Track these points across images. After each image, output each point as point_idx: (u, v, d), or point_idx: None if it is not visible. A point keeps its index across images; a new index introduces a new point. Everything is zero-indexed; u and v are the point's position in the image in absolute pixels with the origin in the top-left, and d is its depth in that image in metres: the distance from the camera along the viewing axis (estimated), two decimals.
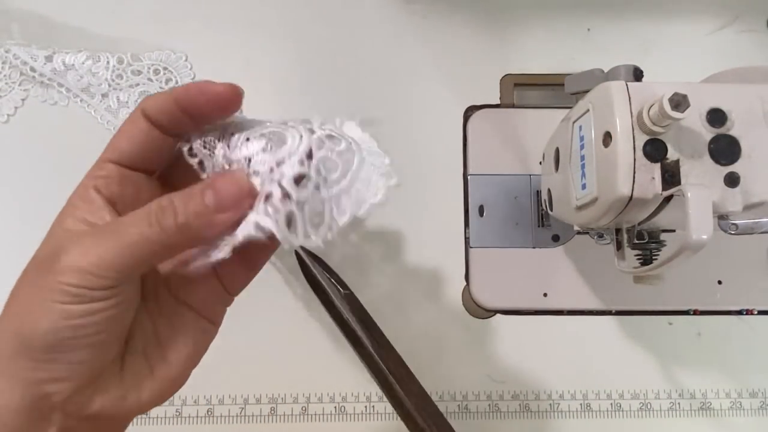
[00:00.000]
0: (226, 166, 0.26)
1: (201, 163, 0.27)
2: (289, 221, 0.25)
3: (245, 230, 0.25)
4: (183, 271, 0.26)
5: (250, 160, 0.26)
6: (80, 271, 0.22)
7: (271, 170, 0.26)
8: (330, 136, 0.26)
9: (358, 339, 0.26)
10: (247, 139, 0.26)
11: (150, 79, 0.46)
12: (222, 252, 0.25)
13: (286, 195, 0.25)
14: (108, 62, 0.46)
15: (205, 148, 0.27)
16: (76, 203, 0.25)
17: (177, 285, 0.27)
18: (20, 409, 0.22)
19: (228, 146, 0.27)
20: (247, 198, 0.25)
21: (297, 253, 0.27)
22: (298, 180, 0.26)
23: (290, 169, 0.25)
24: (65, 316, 0.22)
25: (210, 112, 0.26)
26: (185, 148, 0.27)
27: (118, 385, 0.25)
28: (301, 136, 0.26)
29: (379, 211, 0.27)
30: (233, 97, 0.26)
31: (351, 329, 0.26)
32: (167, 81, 0.46)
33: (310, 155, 0.26)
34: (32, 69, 0.45)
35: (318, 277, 0.26)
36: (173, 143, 0.27)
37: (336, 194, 0.26)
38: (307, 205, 0.26)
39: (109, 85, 0.46)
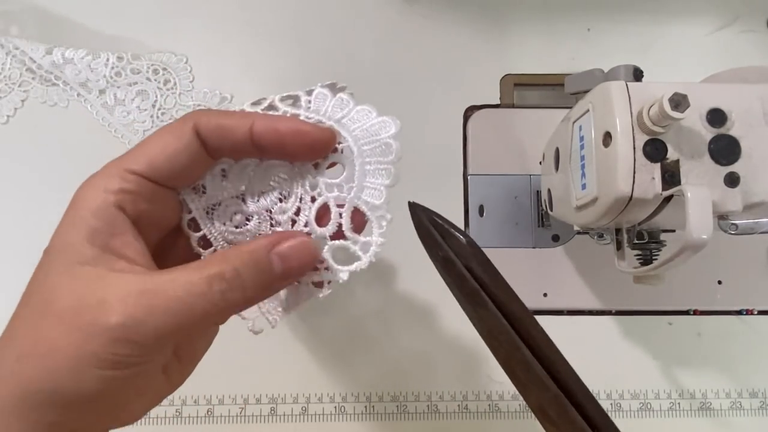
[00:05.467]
0: (244, 220, 0.26)
1: (194, 221, 0.26)
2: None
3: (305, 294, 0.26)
4: None
5: (270, 212, 0.26)
6: (129, 342, 0.20)
7: (293, 222, 0.26)
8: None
9: (480, 298, 0.24)
10: (262, 193, 0.26)
11: (148, 79, 0.46)
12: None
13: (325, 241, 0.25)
14: (108, 59, 0.46)
15: (207, 213, 0.26)
16: (93, 223, 0.22)
17: None
18: None
19: (243, 200, 0.26)
20: (313, 264, 0.24)
21: (411, 208, 0.25)
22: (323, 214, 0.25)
23: (311, 214, 0.25)
24: (102, 381, 0.20)
25: (297, 155, 0.24)
26: (186, 217, 0.25)
27: (132, 403, 0.23)
28: (303, 179, 0.25)
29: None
30: (330, 142, 0.24)
31: (472, 287, 0.24)
32: (165, 82, 0.46)
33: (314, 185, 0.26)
34: (31, 59, 0.45)
35: (434, 231, 0.24)
36: (212, 163, 0.24)
37: (358, 188, 0.25)
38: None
39: (107, 82, 0.46)
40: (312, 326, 0.44)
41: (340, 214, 0.25)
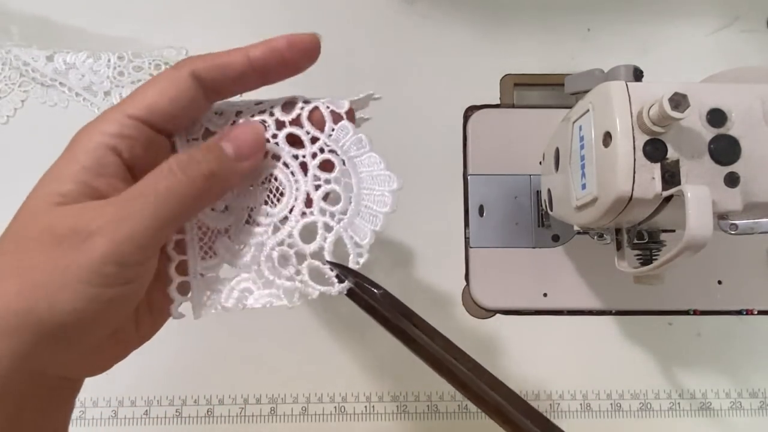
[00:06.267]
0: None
1: None
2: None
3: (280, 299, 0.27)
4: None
5: (250, 209, 0.27)
6: (116, 252, 0.21)
7: (276, 229, 0.27)
8: (322, 160, 0.27)
9: (406, 334, 0.27)
10: (249, 187, 0.27)
11: (151, 74, 0.46)
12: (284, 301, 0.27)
13: (303, 257, 0.26)
14: (109, 60, 0.46)
15: None
16: (83, 160, 0.23)
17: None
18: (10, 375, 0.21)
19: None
20: (263, 145, 0.25)
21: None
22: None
23: (296, 227, 0.26)
24: (93, 299, 0.21)
25: (299, 64, 0.25)
26: None
27: (105, 347, 0.24)
28: (297, 184, 0.26)
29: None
30: (316, 43, 0.25)
31: (396, 326, 0.27)
32: None
33: (309, 203, 0.26)
34: (33, 70, 0.45)
35: (351, 286, 0.27)
36: (209, 107, 0.26)
37: (348, 222, 0.26)
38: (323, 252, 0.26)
39: (111, 83, 0.46)
40: (312, 326, 0.44)
41: (326, 238, 0.26)
